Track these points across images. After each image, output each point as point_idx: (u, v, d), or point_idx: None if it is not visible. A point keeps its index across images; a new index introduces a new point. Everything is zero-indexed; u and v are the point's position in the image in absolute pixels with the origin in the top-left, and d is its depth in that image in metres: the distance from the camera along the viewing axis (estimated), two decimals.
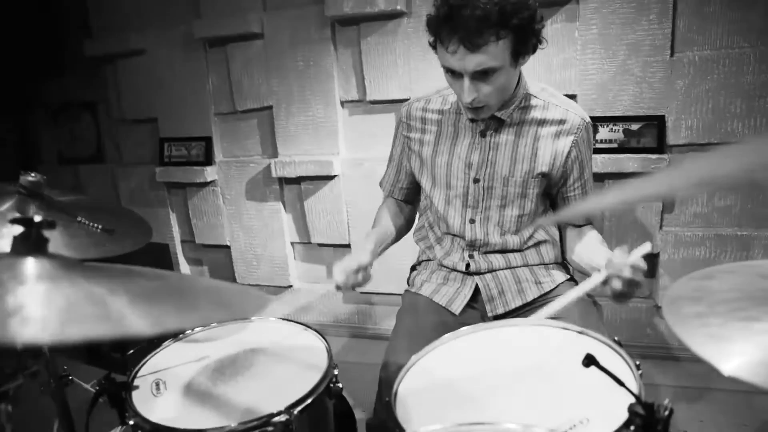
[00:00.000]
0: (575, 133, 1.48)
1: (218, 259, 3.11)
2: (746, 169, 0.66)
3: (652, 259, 2.32)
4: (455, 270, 1.61)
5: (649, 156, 2.17)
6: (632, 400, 0.83)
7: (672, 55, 2.12)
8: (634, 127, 2.21)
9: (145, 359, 1.29)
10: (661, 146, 2.17)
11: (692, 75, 2.11)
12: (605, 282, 1.26)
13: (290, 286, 2.94)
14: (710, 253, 2.23)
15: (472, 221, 1.56)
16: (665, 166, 2.14)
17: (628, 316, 2.39)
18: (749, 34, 2.03)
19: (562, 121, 1.48)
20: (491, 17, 1.25)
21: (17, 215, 0.79)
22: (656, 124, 2.18)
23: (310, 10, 2.53)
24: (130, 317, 0.61)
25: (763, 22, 2.00)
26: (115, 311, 0.61)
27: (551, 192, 1.57)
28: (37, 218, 0.73)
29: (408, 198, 1.77)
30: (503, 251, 1.58)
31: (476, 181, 1.52)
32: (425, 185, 1.63)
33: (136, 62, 2.93)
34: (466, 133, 1.53)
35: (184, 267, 3.19)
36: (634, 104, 2.20)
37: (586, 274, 1.47)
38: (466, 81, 1.33)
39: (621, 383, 0.82)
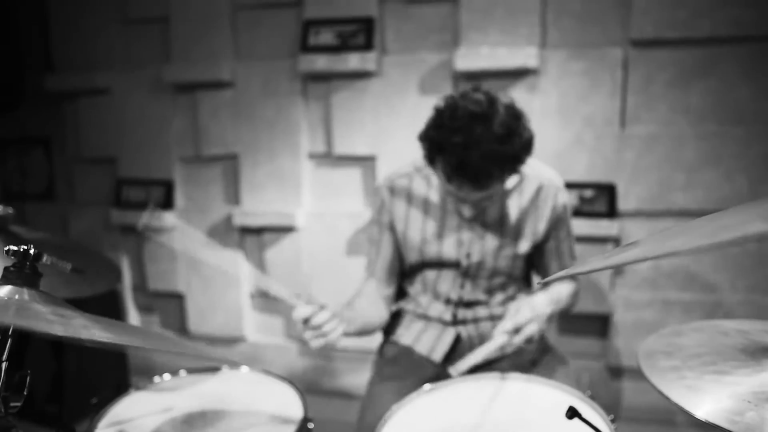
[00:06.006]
0: (552, 200, 1.60)
1: (170, 307, 3.00)
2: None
3: (604, 320, 2.42)
4: (440, 321, 1.64)
5: (601, 221, 2.30)
6: None
7: (623, 128, 2.30)
8: (588, 193, 2.35)
9: (107, 408, 1.23)
10: (612, 212, 2.31)
11: (639, 148, 2.28)
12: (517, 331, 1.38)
13: (243, 338, 2.86)
14: (657, 316, 2.34)
15: (462, 286, 1.63)
16: (615, 229, 2.27)
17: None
18: (688, 115, 2.23)
19: (538, 191, 1.60)
20: (503, 164, 1.34)
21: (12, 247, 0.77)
22: (607, 191, 2.32)
23: (282, 63, 2.60)
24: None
25: (700, 104, 2.21)
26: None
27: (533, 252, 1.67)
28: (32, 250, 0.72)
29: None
30: (488, 305, 1.65)
31: (468, 256, 1.59)
32: (412, 259, 1.65)
33: (99, 101, 2.88)
34: (453, 214, 1.59)
35: (133, 314, 3.06)
36: (587, 173, 2.35)
37: None
38: (468, 205, 1.45)
39: None
